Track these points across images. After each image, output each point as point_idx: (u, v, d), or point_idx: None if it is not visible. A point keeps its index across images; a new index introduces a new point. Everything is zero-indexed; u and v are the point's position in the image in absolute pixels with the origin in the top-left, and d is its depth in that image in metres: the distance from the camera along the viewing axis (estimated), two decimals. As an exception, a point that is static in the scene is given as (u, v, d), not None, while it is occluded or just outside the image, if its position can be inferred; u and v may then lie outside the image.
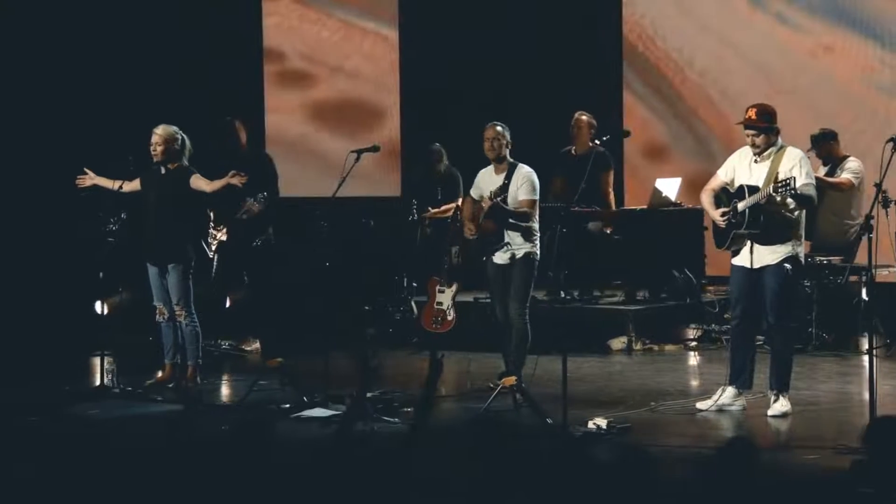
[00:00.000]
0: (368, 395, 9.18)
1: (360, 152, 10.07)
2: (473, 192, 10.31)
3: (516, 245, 9.92)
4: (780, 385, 9.21)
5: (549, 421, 8.82)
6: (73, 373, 11.24)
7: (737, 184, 9.24)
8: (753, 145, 9.15)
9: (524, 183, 9.98)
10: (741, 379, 9.35)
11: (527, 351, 10.01)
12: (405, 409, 9.28)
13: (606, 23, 14.60)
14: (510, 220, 9.94)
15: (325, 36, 15.41)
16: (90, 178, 10.55)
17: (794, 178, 8.79)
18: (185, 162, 10.37)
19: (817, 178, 11.69)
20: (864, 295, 11.83)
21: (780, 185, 8.81)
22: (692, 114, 14.15)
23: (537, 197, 10.06)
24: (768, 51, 13.74)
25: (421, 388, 7.47)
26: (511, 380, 9.32)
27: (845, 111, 13.27)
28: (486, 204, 10.02)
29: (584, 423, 8.71)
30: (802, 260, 9.36)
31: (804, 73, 13.58)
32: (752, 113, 9.15)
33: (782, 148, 9.15)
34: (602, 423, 8.67)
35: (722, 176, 9.41)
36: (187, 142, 10.39)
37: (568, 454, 5.97)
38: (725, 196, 9.31)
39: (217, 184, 10.21)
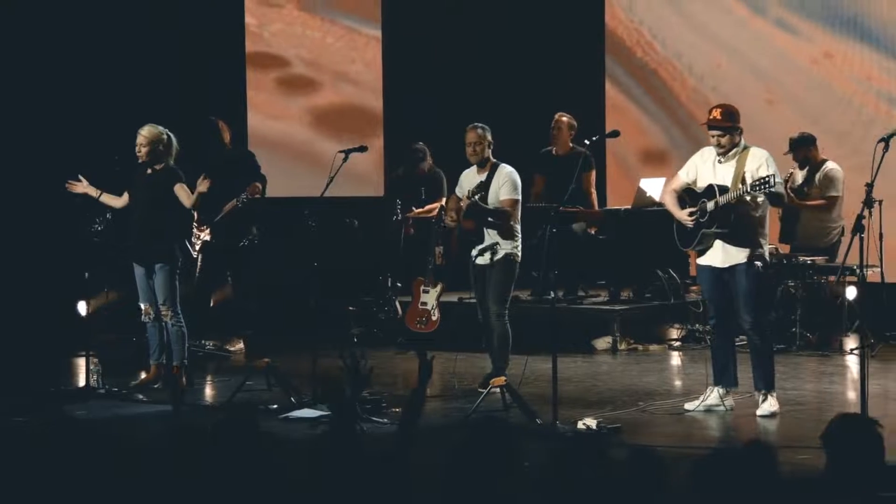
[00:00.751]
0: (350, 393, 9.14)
1: (347, 152, 10.06)
2: (458, 192, 10.31)
3: (496, 244, 9.92)
4: (767, 384, 9.21)
5: (538, 421, 8.82)
6: (58, 374, 11.21)
7: (700, 184, 9.24)
8: (719, 145, 9.14)
9: (505, 182, 9.99)
10: (726, 377, 9.36)
11: (509, 351, 10.02)
12: (394, 410, 9.28)
13: (591, 22, 14.61)
14: (489, 219, 9.95)
15: (309, 35, 15.36)
16: (83, 187, 10.45)
17: (774, 175, 8.82)
18: (172, 163, 10.32)
19: (802, 204, 11.83)
20: (847, 295, 11.90)
21: (757, 183, 8.82)
22: (690, 118, 14.13)
23: (519, 197, 10.06)
24: (768, 57, 13.72)
25: (411, 389, 7.39)
26: (501, 380, 9.32)
27: (844, 118, 13.28)
28: (464, 203, 10.03)
29: (574, 423, 8.72)
30: (768, 258, 9.38)
31: (804, 80, 13.57)
32: (716, 113, 9.15)
33: (746, 148, 9.15)
34: (592, 423, 8.66)
35: (683, 177, 9.40)
36: (174, 142, 10.33)
37: (561, 454, 5.92)
38: (689, 196, 9.30)
39: (194, 197, 10.17)
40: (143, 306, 10.41)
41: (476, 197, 9.97)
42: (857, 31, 13.29)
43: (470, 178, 10.20)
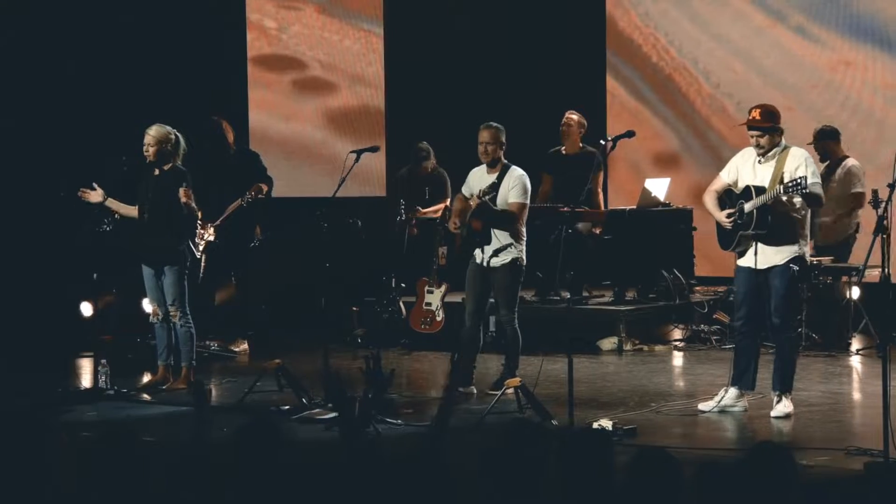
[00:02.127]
0: (370, 396, 9.11)
1: (359, 152, 10.03)
2: (464, 191, 10.27)
3: (504, 247, 9.90)
4: (783, 386, 9.19)
5: (554, 423, 8.78)
6: (65, 374, 11.16)
7: (741, 185, 9.22)
8: (758, 146, 9.12)
9: (515, 185, 9.95)
10: (744, 380, 9.32)
11: (520, 353, 10.00)
12: (406, 411, 9.26)
13: (594, 20, 14.59)
14: (496, 221, 9.92)
15: (328, 38, 15.33)
16: (97, 195, 10.37)
17: (805, 177, 8.79)
18: (179, 163, 10.27)
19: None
20: (851, 295, 11.88)
21: (790, 184, 8.79)
22: (705, 124, 14.08)
23: (527, 201, 10.02)
24: (786, 64, 13.67)
25: (439, 392, 7.37)
26: (516, 381, 9.28)
27: (863, 127, 13.25)
28: (473, 202, 10.00)
29: (589, 425, 8.68)
30: (808, 260, 9.36)
31: (822, 88, 13.52)
32: (756, 113, 9.13)
33: (786, 148, 9.12)
34: (607, 424, 8.63)
35: (725, 177, 9.38)
36: (182, 142, 10.28)
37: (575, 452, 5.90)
38: (728, 198, 9.28)
39: (183, 205, 10.16)
40: (151, 307, 10.36)
41: (487, 198, 9.94)
42: (875, 39, 13.25)
43: (479, 177, 10.15)
